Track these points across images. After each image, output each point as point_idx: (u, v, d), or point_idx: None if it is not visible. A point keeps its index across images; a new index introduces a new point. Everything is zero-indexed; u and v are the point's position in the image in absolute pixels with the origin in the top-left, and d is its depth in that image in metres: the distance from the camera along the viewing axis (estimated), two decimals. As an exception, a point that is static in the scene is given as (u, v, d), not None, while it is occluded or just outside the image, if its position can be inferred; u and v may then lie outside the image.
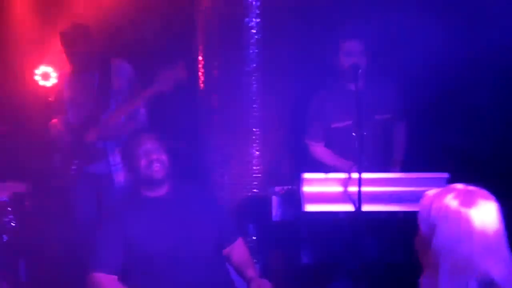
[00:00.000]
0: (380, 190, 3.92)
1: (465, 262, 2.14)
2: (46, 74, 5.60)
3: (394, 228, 4.06)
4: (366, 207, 3.81)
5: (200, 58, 4.84)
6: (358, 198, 3.78)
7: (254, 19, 4.69)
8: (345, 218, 3.99)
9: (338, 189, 3.95)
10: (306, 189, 3.95)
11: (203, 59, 4.83)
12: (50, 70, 5.58)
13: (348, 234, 4.00)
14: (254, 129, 4.75)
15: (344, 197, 3.93)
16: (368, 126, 4.17)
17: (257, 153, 4.75)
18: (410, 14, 4.54)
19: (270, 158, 4.79)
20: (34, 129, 5.14)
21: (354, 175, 3.84)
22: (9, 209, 4.51)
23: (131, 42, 5.17)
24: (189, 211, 3.53)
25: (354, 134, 4.11)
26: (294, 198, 4.07)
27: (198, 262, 3.44)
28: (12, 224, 4.48)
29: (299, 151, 4.80)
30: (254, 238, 4.68)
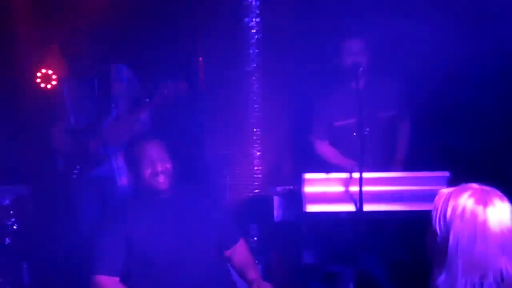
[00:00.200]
0: (381, 189, 3.92)
1: (480, 261, 2.15)
2: (47, 76, 5.60)
3: (396, 227, 4.06)
4: (368, 207, 3.82)
5: (200, 58, 4.84)
6: (360, 198, 3.78)
7: (254, 19, 4.69)
8: (346, 218, 3.99)
9: (339, 189, 3.95)
10: (308, 189, 3.95)
11: (204, 59, 4.83)
12: (50, 72, 5.58)
13: (349, 234, 4.01)
14: (255, 129, 4.75)
15: (345, 197, 3.93)
16: (371, 124, 4.17)
17: (258, 153, 4.75)
18: (411, 14, 4.54)
19: (271, 158, 4.79)
20: (37, 132, 5.14)
21: (355, 175, 3.84)
22: (11, 212, 4.52)
23: (131, 45, 5.16)
24: (191, 213, 3.52)
25: (355, 134, 4.11)
26: (296, 198, 4.06)
27: (200, 263, 3.44)
28: (14, 227, 4.49)
29: (300, 151, 4.80)
30: (255, 239, 4.69)
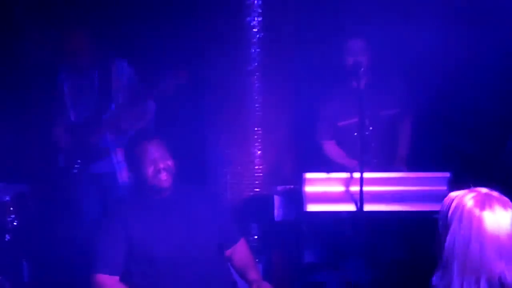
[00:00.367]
0: (381, 189, 3.93)
1: (475, 263, 2.14)
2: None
3: (396, 227, 4.06)
4: (368, 207, 3.82)
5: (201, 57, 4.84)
6: (360, 198, 3.78)
7: (256, 18, 4.69)
8: (347, 217, 3.99)
9: (340, 188, 3.96)
10: (308, 188, 3.95)
11: (205, 58, 4.83)
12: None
13: (350, 234, 4.01)
14: (256, 128, 4.75)
15: (346, 196, 3.94)
16: (374, 123, 4.18)
17: (259, 152, 4.75)
18: (412, 13, 4.54)
19: (272, 157, 4.78)
20: (37, 128, 5.14)
21: (356, 175, 3.84)
22: (11, 208, 4.51)
23: (132, 41, 5.16)
24: (192, 212, 3.51)
25: (356, 134, 4.12)
26: (296, 197, 4.07)
27: (200, 263, 3.43)
28: (14, 223, 4.49)
29: (301, 151, 4.80)
30: (256, 238, 4.69)
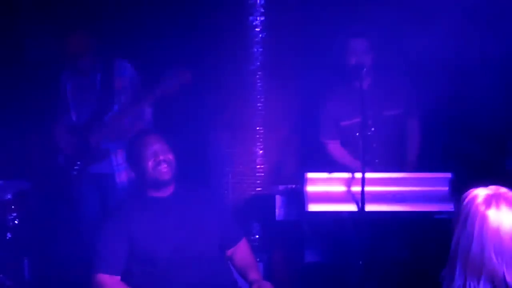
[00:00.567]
0: (383, 189, 3.92)
1: (476, 262, 2.13)
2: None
3: (397, 227, 4.05)
4: (370, 207, 3.81)
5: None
6: (362, 198, 3.77)
7: (258, 18, 4.69)
8: (348, 218, 3.99)
9: (341, 188, 3.95)
10: (310, 188, 3.95)
11: (207, 58, 4.83)
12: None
13: (351, 234, 4.00)
14: (258, 127, 4.75)
15: (347, 196, 3.93)
16: (376, 123, 4.17)
17: (260, 151, 4.75)
18: (416, 13, 4.53)
19: (274, 157, 4.79)
20: (38, 127, 5.14)
21: (357, 175, 3.83)
22: (13, 207, 4.52)
23: (134, 42, 5.16)
24: (193, 212, 3.51)
25: (358, 134, 4.11)
26: (298, 197, 4.06)
27: (201, 263, 3.43)
28: (16, 222, 4.50)
29: (303, 150, 4.80)
30: (257, 237, 4.69)
